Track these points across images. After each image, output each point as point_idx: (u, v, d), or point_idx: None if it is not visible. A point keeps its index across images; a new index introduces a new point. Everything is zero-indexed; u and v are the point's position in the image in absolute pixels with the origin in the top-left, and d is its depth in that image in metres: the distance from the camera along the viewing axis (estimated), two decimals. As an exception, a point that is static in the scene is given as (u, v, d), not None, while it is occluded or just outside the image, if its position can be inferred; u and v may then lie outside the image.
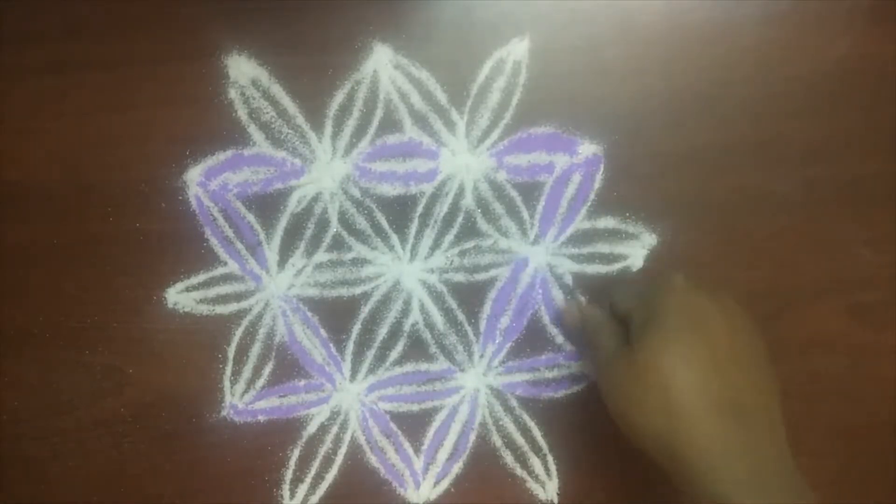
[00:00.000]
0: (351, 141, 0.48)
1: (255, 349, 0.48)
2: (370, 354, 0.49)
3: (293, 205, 0.48)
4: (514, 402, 0.49)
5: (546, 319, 0.49)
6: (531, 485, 0.49)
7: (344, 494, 0.49)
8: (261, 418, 0.48)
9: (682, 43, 0.47)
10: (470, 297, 0.48)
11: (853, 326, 0.48)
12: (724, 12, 0.47)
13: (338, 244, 0.48)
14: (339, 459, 0.49)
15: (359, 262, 0.48)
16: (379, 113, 0.47)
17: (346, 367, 0.49)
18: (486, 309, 0.49)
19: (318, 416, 0.49)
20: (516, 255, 0.48)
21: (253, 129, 0.47)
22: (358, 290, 0.48)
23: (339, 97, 0.47)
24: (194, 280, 0.48)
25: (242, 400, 0.48)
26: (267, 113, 0.47)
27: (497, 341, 0.49)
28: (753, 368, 0.37)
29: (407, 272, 0.48)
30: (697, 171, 0.48)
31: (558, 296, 0.48)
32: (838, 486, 0.49)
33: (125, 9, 0.47)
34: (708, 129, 0.48)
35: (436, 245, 0.48)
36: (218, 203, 0.48)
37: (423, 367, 0.49)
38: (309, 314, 0.48)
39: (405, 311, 0.48)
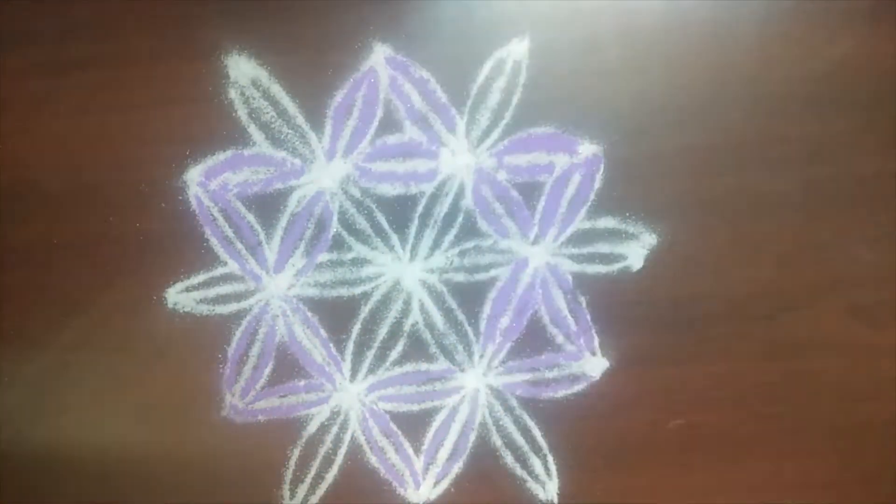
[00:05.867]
0: (351, 141, 0.48)
1: (255, 349, 0.48)
2: (370, 354, 0.49)
3: (293, 205, 0.48)
4: (514, 402, 0.49)
5: (546, 319, 0.49)
6: (531, 485, 0.49)
7: (344, 494, 0.49)
8: (261, 418, 0.48)
9: (682, 43, 0.47)
10: (470, 297, 0.48)
11: (853, 326, 0.48)
12: (724, 12, 0.47)
13: (338, 244, 0.48)
14: (339, 459, 0.49)
15: (359, 262, 0.48)
16: (379, 113, 0.47)
17: (346, 367, 0.49)
18: (486, 309, 0.49)
19: (318, 416, 0.49)
20: (516, 255, 0.48)
21: (253, 129, 0.47)
22: (358, 290, 0.48)
23: (339, 97, 0.47)
24: (194, 280, 0.48)
25: (242, 400, 0.48)
26: (267, 113, 0.47)
27: (497, 341, 0.49)
28: None
29: (407, 272, 0.48)
30: (697, 171, 0.48)
31: (558, 296, 0.48)
32: (838, 486, 0.49)
33: (125, 9, 0.47)
34: (708, 128, 0.48)
35: (436, 245, 0.48)
36: (218, 203, 0.48)
37: (423, 367, 0.49)
38: (309, 314, 0.48)
39: (405, 311, 0.48)
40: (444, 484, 0.49)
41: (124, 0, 0.47)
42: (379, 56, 0.47)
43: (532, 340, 0.49)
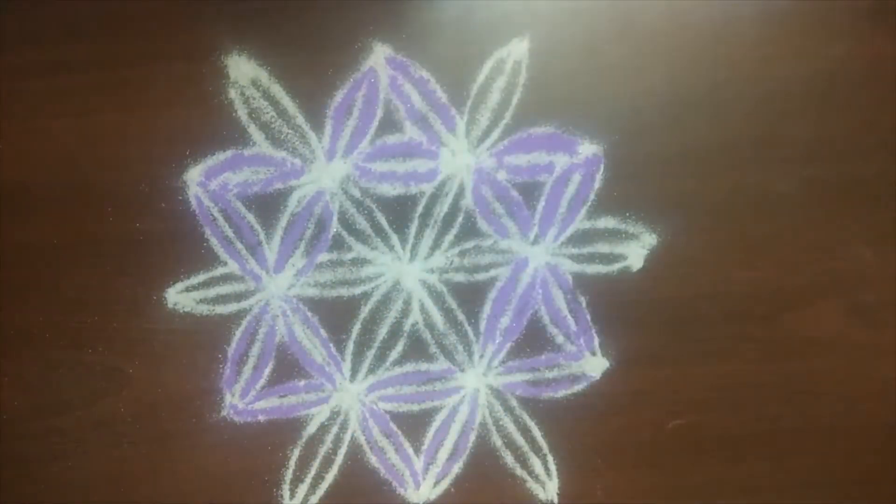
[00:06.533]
0: (351, 141, 0.48)
1: (255, 349, 0.48)
2: (370, 354, 0.49)
3: (293, 205, 0.48)
4: (514, 402, 0.49)
5: (546, 319, 0.49)
6: (531, 485, 0.49)
7: (344, 494, 0.49)
8: (261, 418, 0.48)
9: (682, 42, 0.47)
10: (470, 297, 0.48)
11: (853, 326, 0.48)
12: (724, 12, 0.47)
13: (338, 244, 0.48)
14: (339, 459, 0.49)
15: (359, 262, 0.48)
16: (379, 113, 0.48)
17: (346, 367, 0.49)
18: (486, 309, 0.49)
19: (318, 416, 0.49)
20: (516, 255, 0.48)
21: (253, 129, 0.47)
22: (358, 290, 0.48)
23: (339, 97, 0.47)
24: (194, 280, 0.48)
25: (242, 400, 0.48)
26: (267, 113, 0.47)
27: (497, 341, 0.49)
28: None
29: (407, 272, 0.48)
30: (697, 171, 0.48)
31: (558, 296, 0.48)
32: (838, 486, 0.49)
33: (125, 9, 0.47)
34: (708, 128, 0.48)
35: (436, 245, 0.48)
36: (218, 203, 0.48)
37: (423, 367, 0.49)
38: (309, 314, 0.48)
39: (405, 311, 0.48)
40: (444, 484, 0.49)
41: (124, 0, 0.47)
42: (379, 56, 0.47)
43: (532, 340, 0.49)
